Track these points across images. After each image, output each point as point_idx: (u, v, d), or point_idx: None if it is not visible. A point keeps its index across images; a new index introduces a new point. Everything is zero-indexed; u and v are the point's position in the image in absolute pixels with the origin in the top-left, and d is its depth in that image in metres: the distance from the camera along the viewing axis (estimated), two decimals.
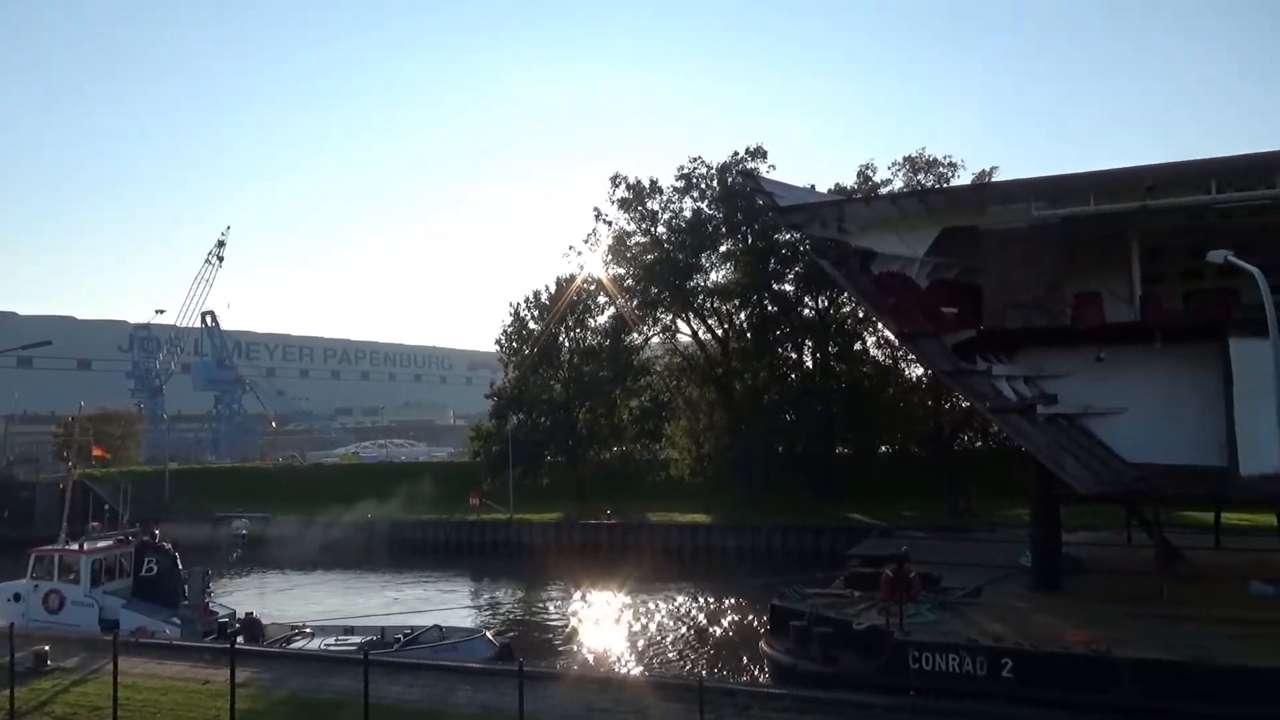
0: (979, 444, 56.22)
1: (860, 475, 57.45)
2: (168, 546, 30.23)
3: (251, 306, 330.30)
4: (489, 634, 27.91)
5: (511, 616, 38.65)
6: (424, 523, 57.82)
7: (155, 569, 29.07)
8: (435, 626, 28.25)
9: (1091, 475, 24.27)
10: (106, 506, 40.61)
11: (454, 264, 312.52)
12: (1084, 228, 26.26)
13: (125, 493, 39.36)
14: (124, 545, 30.02)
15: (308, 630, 28.54)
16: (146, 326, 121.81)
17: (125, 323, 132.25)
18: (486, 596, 44.55)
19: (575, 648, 32.39)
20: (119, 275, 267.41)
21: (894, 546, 28.36)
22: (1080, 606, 23.94)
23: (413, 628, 28.37)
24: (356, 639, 27.08)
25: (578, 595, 41.37)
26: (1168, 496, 25.98)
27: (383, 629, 28.35)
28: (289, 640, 27.47)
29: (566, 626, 35.79)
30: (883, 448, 59.60)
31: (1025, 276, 26.12)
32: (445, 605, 39.89)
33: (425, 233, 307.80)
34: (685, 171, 57.62)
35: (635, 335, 63.00)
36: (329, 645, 26.66)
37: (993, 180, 46.76)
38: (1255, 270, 14.07)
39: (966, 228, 27.25)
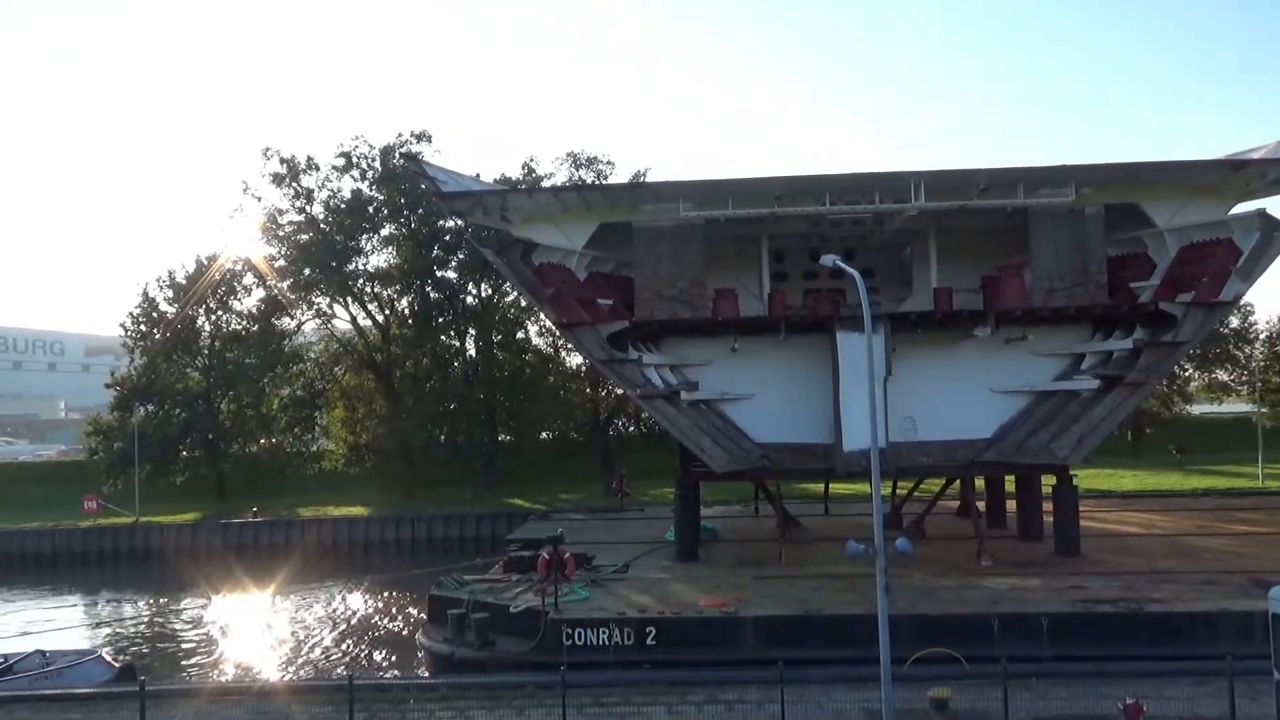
0: (632, 429, 59.73)
1: (522, 461, 58.59)
2: None
3: None
4: (105, 654, 24.75)
5: (136, 632, 34.49)
6: (26, 532, 49.71)
7: None
8: (37, 652, 24.42)
9: (726, 455, 26.74)
10: None
11: (67, 237, 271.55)
12: (723, 229, 28.86)
13: None
14: None
15: None
16: None
17: None
18: (107, 612, 39.35)
19: (215, 660, 29.68)
20: None
21: (551, 529, 29.24)
22: (714, 574, 26.38)
23: (5, 656, 24.35)
24: None
25: (218, 602, 37.93)
26: (788, 471, 29.33)
27: None
28: None
29: (204, 637, 32.66)
30: (544, 434, 61.23)
31: (672, 272, 28.16)
32: (55, 626, 34.56)
33: (25, 199, 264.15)
34: (346, 150, 54.87)
35: (288, 319, 59.06)
36: None
37: (646, 180, 49.80)
38: (856, 274, 16.32)
39: (622, 223, 28.79)
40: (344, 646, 30.42)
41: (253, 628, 33.68)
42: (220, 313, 59.13)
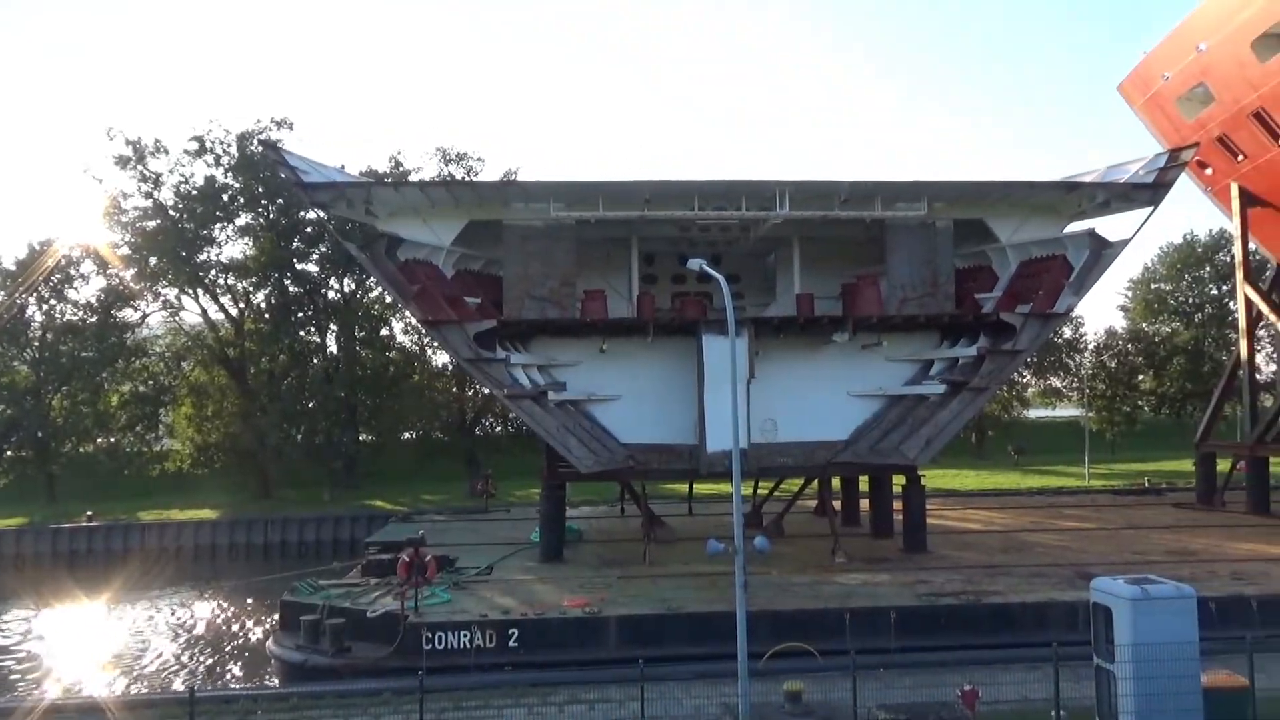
0: (499, 429, 59.08)
1: (383, 462, 57.01)
2: None
3: None
4: None
5: None
6: None
7: None
8: None
9: (592, 455, 26.80)
10: None
11: None
12: (594, 230, 28.93)
13: None
14: None
15: None
16: None
17: None
18: None
19: (41, 677, 27.48)
20: None
21: (413, 531, 28.60)
22: (579, 574, 26.39)
23: None
24: None
25: (46, 614, 35.19)
26: (653, 472, 29.65)
27: None
28: None
29: (27, 654, 30.20)
30: (407, 434, 59.77)
31: (542, 271, 28.02)
32: None
33: None
34: (199, 134, 51.98)
35: (130, 311, 55.55)
36: None
37: (517, 179, 49.42)
38: (721, 278, 16.62)
39: (492, 221, 28.44)
40: (187, 658, 28.72)
41: (86, 641, 31.40)
42: (54, 302, 55.03)
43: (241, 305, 55.99)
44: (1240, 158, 35.57)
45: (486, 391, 44.71)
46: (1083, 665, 15.49)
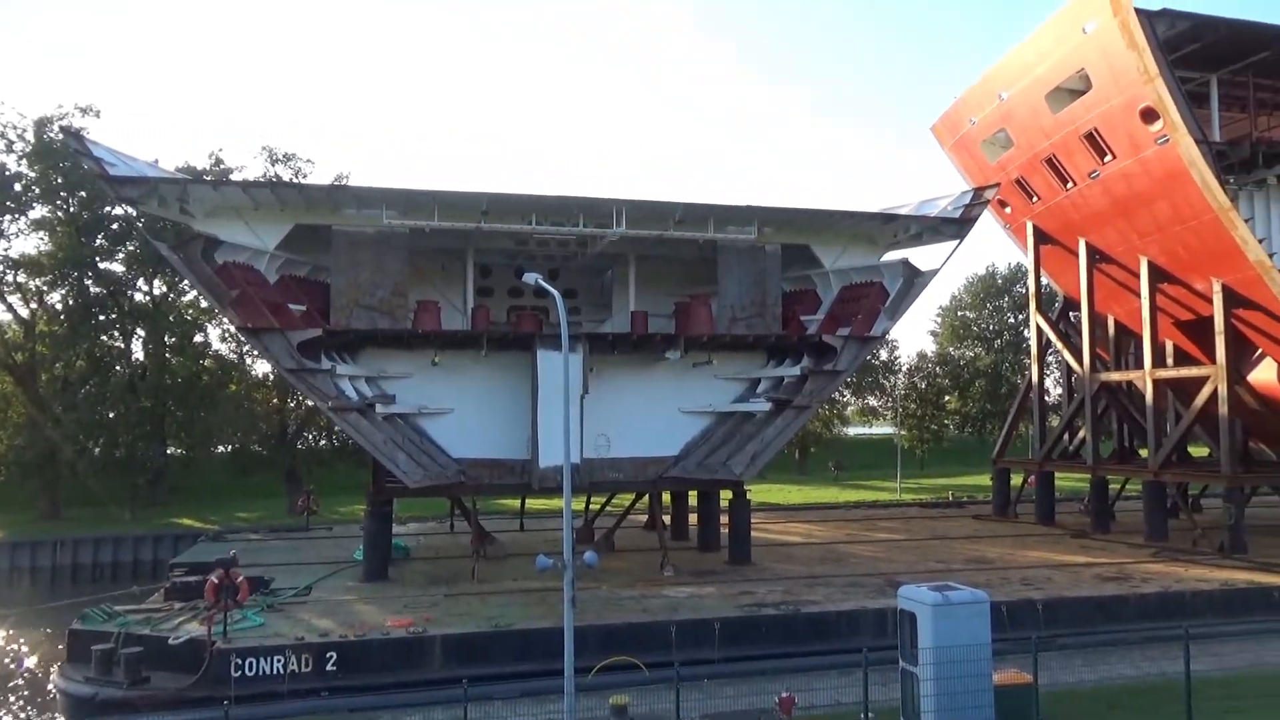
0: (323, 442, 56.51)
1: (194, 477, 53.38)
2: None
3: None
4: None
5: None
6: None
7: None
8: None
9: (422, 470, 26.10)
10: None
11: None
12: (429, 240, 28.31)
13: None
14: None
15: None
16: None
17: None
18: None
19: None
20: None
21: (224, 551, 26.94)
22: (404, 593, 25.58)
23: None
24: None
25: None
26: (485, 487, 29.19)
27: None
28: None
29: None
30: (221, 447, 56.13)
31: (373, 280, 27.13)
32: None
33: None
34: None
35: None
36: None
37: (348, 183, 47.71)
38: (557, 293, 16.63)
39: (321, 226, 27.32)
40: None
41: None
42: None
43: (33, 305, 51.15)
44: (1035, 199, 38.99)
45: (310, 403, 42.75)
46: (891, 668, 16.41)
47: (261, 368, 53.53)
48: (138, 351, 53.52)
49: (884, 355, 75.25)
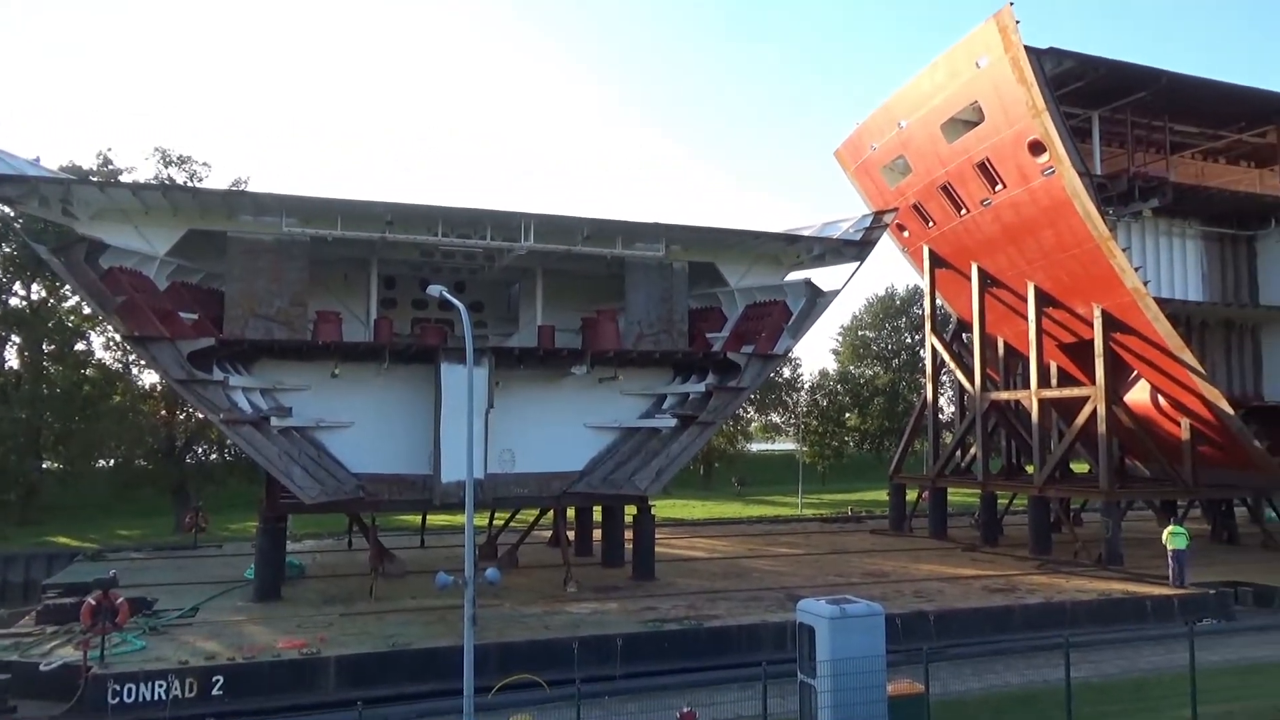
0: (214, 456, 54.21)
1: (72, 493, 50.51)
2: None
3: None
4: None
5: None
6: None
7: None
8: None
9: (319, 485, 25.33)
10: None
11: None
12: (331, 249, 27.62)
13: None
14: None
15: None
16: None
17: None
18: None
19: None
20: None
21: (103, 571, 25.58)
22: (297, 613, 24.71)
23: None
24: None
25: None
26: (384, 503, 28.49)
27: None
28: None
29: None
30: (103, 461, 53.24)
31: (270, 289, 26.30)
32: None
33: None
34: None
35: None
36: None
37: (246, 188, 46.21)
38: (462, 306, 16.41)
39: (216, 232, 26.36)
40: None
41: None
42: None
43: None
44: (931, 224, 40.51)
45: (201, 415, 41.01)
46: (790, 681, 16.65)
47: (149, 378, 51.11)
48: (12, 359, 50.51)
49: (787, 373, 76.75)
